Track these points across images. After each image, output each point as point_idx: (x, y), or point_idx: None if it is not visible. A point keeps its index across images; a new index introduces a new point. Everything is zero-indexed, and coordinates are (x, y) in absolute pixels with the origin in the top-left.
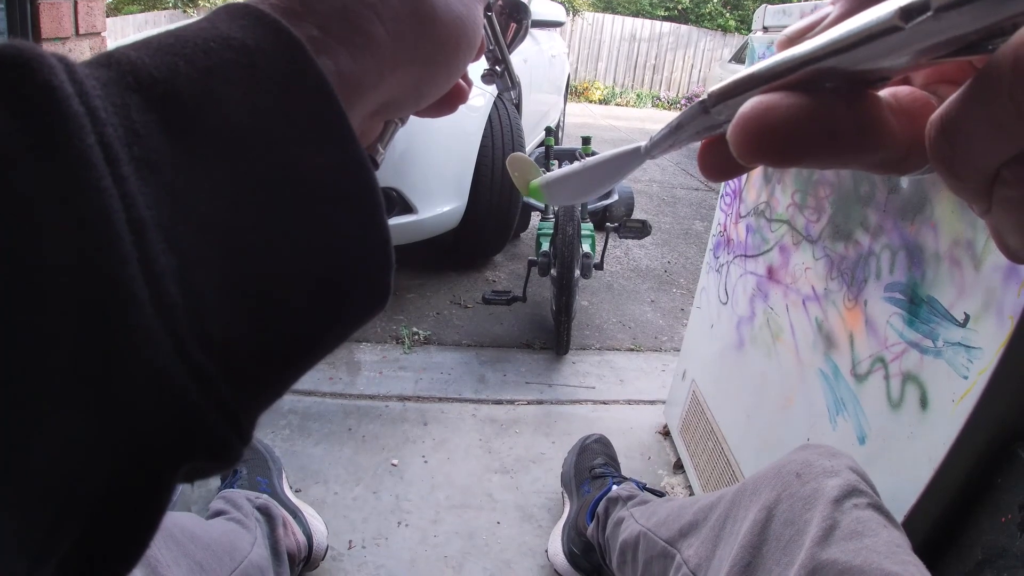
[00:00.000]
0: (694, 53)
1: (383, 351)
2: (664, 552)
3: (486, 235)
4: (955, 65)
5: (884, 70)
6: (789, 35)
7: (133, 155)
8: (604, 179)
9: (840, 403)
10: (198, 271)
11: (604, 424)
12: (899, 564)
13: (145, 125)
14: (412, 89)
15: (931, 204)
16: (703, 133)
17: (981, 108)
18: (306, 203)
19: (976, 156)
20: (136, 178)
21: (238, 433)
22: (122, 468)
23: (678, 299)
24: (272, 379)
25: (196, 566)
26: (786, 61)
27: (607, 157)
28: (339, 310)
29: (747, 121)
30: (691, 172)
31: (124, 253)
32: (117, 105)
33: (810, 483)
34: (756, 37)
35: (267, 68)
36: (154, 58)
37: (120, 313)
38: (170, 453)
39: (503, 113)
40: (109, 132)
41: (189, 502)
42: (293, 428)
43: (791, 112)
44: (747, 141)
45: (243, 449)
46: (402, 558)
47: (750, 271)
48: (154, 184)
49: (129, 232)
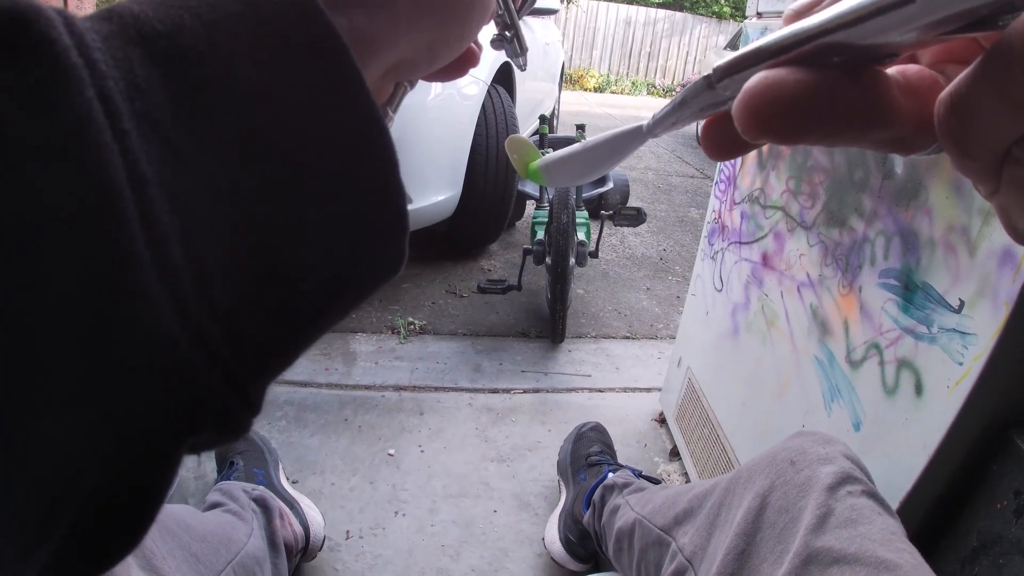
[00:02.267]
0: (689, 40)
1: (379, 341)
2: (659, 540)
3: (481, 224)
4: (963, 43)
5: (893, 45)
6: (796, 9)
7: (135, 110)
8: (605, 159)
9: (835, 390)
10: (203, 233)
11: (600, 412)
12: (894, 551)
13: (147, 80)
14: (425, 51)
15: (926, 190)
16: (707, 110)
17: (992, 85)
18: (316, 162)
19: (987, 134)
20: (138, 134)
21: (246, 403)
22: (125, 439)
23: (674, 287)
24: (281, 348)
25: (192, 558)
26: (793, 35)
27: (608, 137)
28: (351, 275)
29: (753, 96)
30: (687, 160)
31: (125, 212)
32: (118, 59)
33: (804, 470)
34: (750, 23)
35: (276, 23)
36: (158, 11)
37: (120, 276)
38: (175, 423)
39: (497, 102)
40: (110, 86)
41: (186, 494)
42: (289, 419)
43: (798, 87)
44: (753, 116)
45: (251, 420)
46: (399, 547)
47: (745, 258)
48: (156, 141)
49: (130, 190)
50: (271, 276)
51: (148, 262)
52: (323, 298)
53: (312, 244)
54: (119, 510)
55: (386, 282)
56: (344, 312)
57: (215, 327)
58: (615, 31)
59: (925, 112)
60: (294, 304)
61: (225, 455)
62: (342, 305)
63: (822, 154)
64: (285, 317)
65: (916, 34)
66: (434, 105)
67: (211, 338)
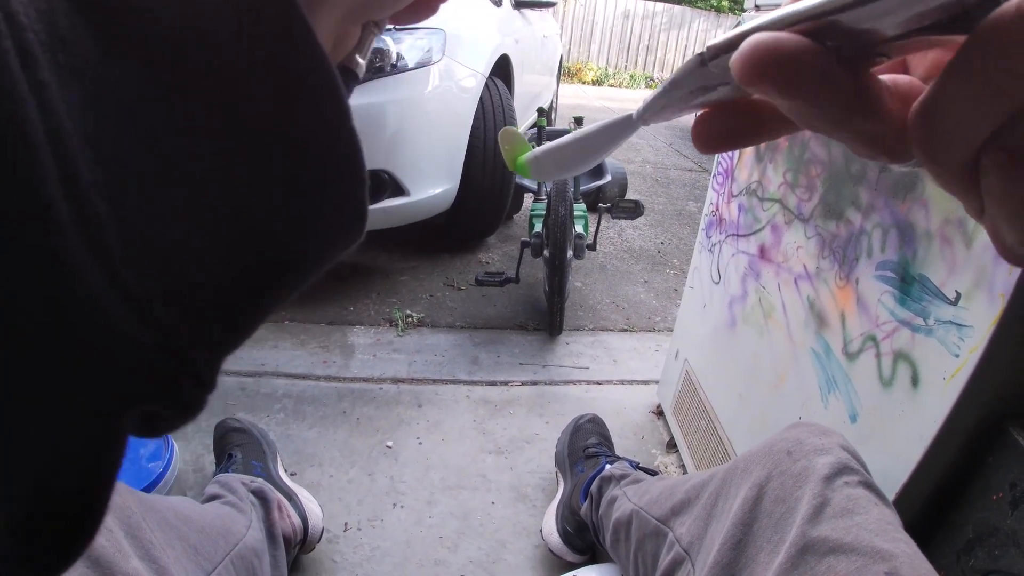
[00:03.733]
0: (688, 34)
1: (376, 334)
2: (657, 530)
3: (479, 217)
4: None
5: (882, 37)
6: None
7: (57, 61)
8: (594, 151)
9: (832, 381)
10: (133, 186)
11: (597, 404)
12: (890, 541)
13: (72, 30)
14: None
15: (922, 182)
16: (697, 94)
17: (956, 84)
18: (254, 107)
19: (953, 137)
20: (59, 86)
21: (191, 373)
22: (57, 414)
23: (671, 279)
24: (230, 311)
25: (191, 549)
26: (789, 15)
27: (597, 128)
28: (304, 232)
29: (757, 45)
30: (685, 153)
31: (41, 167)
32: (42, 11)
33: (801, 461)
34: (748, 16)
35: None
36: None
37: (37, 232)
38: (110, 396)
39: (495, 94)
40: (29, 38)
41: (185, 487)
42: (287, 412)
43: (799, 46)
44: (753, 62)
45: (202, 393)
46: (397, 539)
47: (742, 250)
48: (81, 92)
49: (48, 143)
50: (213, 230)
51: (68, 217)
52: (276, 256)
53: (257, 195)
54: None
55: (349, 243)
56: (301, 276)
57: (149, 286)
58: (613, 24)
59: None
60: (241, 264)
61: (223, 447)
62: (299, 267)
63: (819, 147)
64: (232, 278)
65: (905, 20)
66: (432, 97)
67: (143, 298)
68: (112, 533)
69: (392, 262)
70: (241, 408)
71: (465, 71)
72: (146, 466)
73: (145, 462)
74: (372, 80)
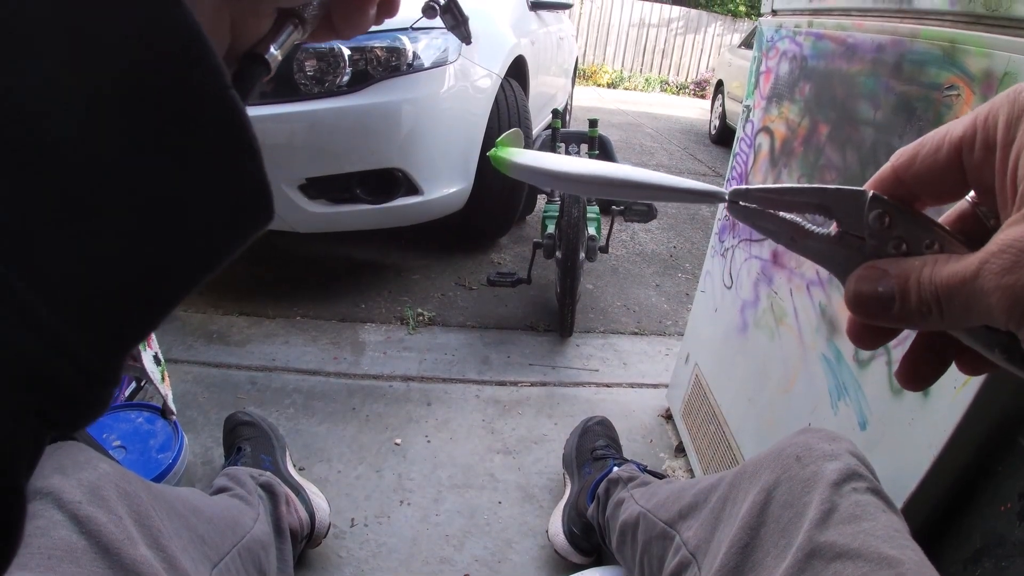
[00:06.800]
0: (703, 38)
1: (387, 331)
2: (663, 533)
3: (492, 217)
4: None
5: None
6: None
7: None
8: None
9: (842, 388)
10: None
11: (606, 406)
12: (897, 548)
13: None
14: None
15: None
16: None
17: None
18: (123, 80)
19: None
20: None
21: (78, 368)
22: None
23: (683, 283)
24: (114, 299)
25: (198, 539)
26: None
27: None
28: (184, 213)
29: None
30: (699, 157)
31: None
32: None
33: (810, 466)
34: (765, 21)
35: None
36: None
37: None
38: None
39: (510, 95)
40: None
41: (193, 479)
42: (297, 407)
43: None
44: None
45: (99, 391)
46: (404, 536)
47: (755, 255)
48: None
49: None
50: (83, 215)
51: None
52: (159, 242)
53: (129, 175)
54: None
55: (258, 228)
56: (196, 267)
57: (15, 275)
58: (629, 27)
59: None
60: (119, 253)
61: (233, 440)
62: (188, 252)
63: (834, 152)
64: (109, 266)
65: None
66: (447, 97)
67: (9, 288)
68: (121, 520)
69: (404, 260)
70: (251, 402)
71: (481, 71)
72: (156, 456)
73: (155, 452)
74: (388, 79)
